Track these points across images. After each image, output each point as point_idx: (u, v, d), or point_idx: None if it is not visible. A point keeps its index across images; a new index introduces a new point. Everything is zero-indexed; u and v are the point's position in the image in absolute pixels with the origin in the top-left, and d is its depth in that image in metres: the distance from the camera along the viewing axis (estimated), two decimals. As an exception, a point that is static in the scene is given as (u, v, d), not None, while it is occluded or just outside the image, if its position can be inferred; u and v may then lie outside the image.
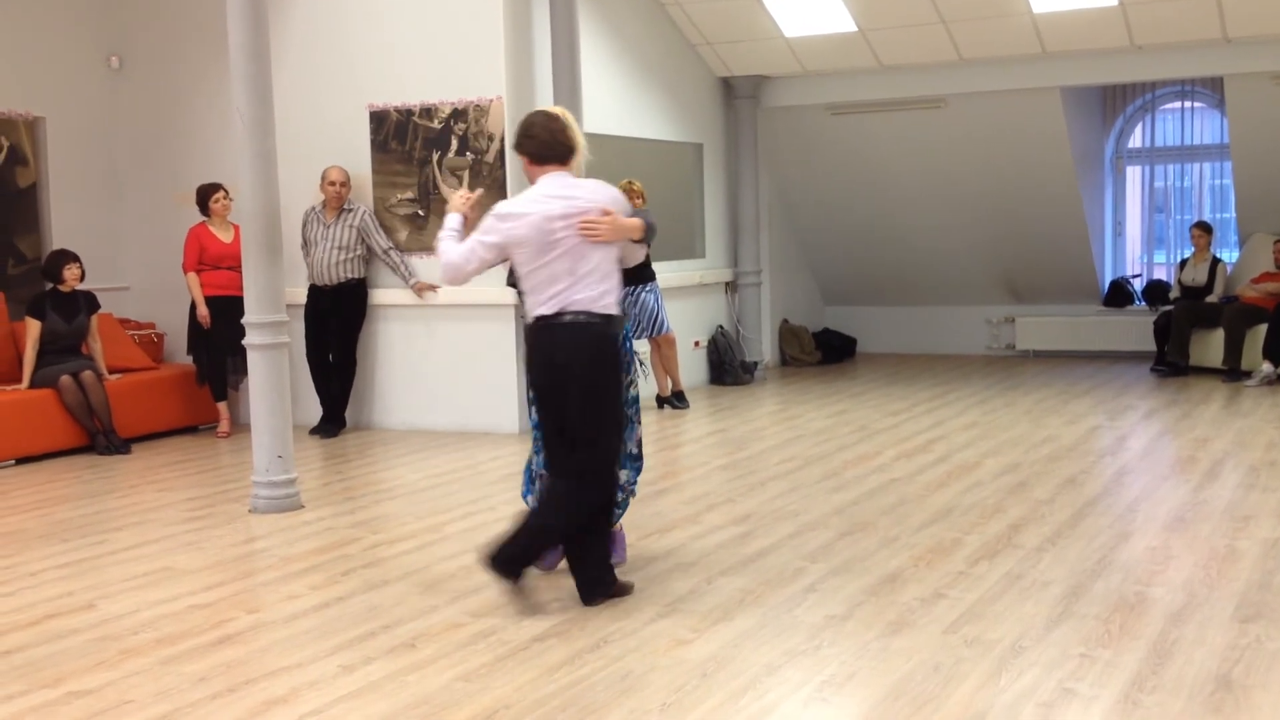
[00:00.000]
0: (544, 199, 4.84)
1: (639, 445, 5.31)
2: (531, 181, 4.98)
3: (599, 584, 4.93)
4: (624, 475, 5.20)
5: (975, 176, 12.22)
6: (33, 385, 8.74)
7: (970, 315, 13.42)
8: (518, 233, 4.80)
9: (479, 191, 5.21)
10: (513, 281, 5.16)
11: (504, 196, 8.97)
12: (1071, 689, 3.90)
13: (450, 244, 4.97)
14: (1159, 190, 13.27)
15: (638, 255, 5.11)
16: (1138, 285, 12.91)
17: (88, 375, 8.80)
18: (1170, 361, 11.40)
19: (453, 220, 5.04)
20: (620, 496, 5.21)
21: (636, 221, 4.93)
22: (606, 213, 4.84)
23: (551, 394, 4.89)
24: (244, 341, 6.85)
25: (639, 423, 5.30)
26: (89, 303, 9.08)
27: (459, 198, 5.13)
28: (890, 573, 5.25)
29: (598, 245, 4.83)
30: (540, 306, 4.85)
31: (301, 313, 9.24)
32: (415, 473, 7.84)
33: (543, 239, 4.79)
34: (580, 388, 4.82)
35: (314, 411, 9.47)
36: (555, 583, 5.23)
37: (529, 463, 5.38)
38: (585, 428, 4.84)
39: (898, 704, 3.82)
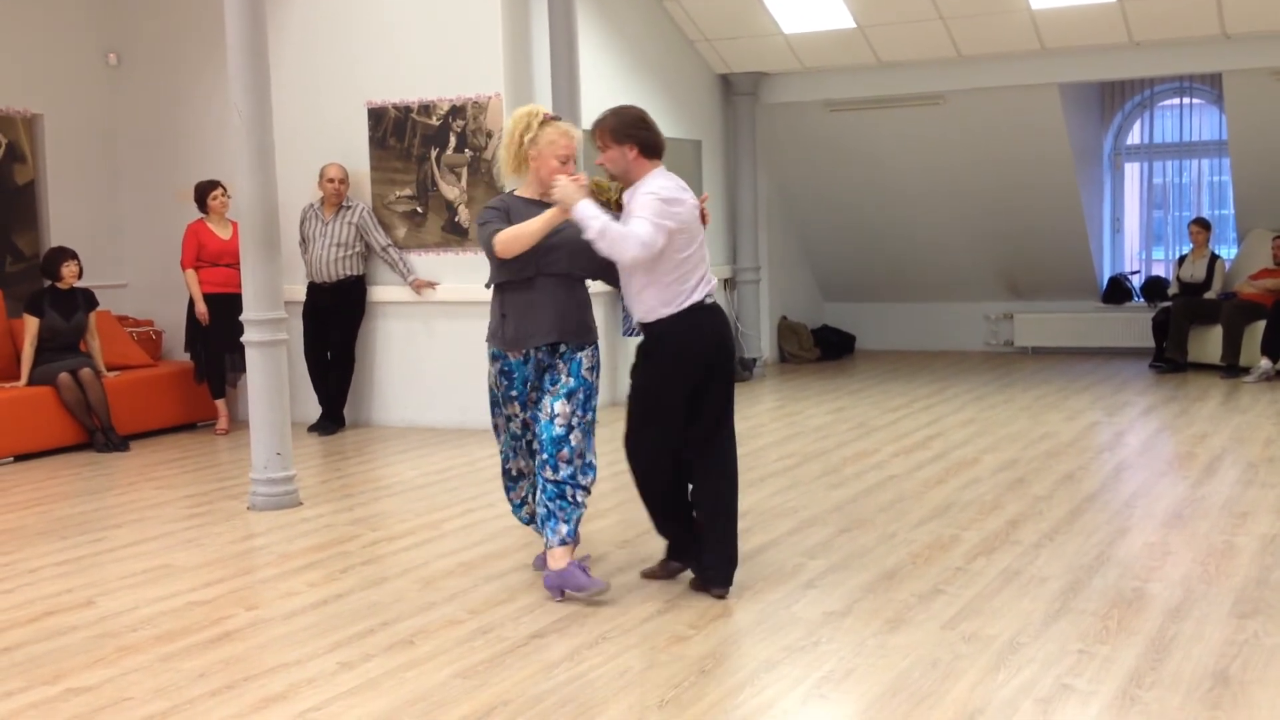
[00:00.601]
0: (680, 189, 4.91)
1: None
2: (633, 175, 4.91)
3: (731, 565, 4.98)
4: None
5: (974, 173, 12.23)
6: (31, 382, 8.74)
7: (969, 312, 13.42)
8: (685, 218, 4.85)
9: (583, 174, 5.00)
10: (497, 282, 5.07)
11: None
12: (1069, 685, 3.90)
13: (620, 225, 4.77)
14: (1157, 186, 13.26)
15: None
16: (1136, 282, 12.90)
17: (86, 373, 8.80)
18: (1169, 358, 11.40)
19: (590, 206, 4.80)
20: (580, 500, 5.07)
21: None
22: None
23: (701, 378, 4.91)
24: (242, 339, 6.85)
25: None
26: (87, 300, 9.08)
27: (572, 182, 4.83)
28: (889, 569, 5.25)
29: None
30: (693, 293, 4.87)
31: (299, 310, 9.24)
32: (414, 470, 7.84)
33: (695, 225, 4.90)
34: (728, 365, 4.99)
35: (312, 409, 9.46)
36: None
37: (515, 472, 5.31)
38: (728, 403, 4.98)
39: (896, 700, 3.83)
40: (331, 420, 9.39)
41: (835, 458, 7.78)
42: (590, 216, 4.75)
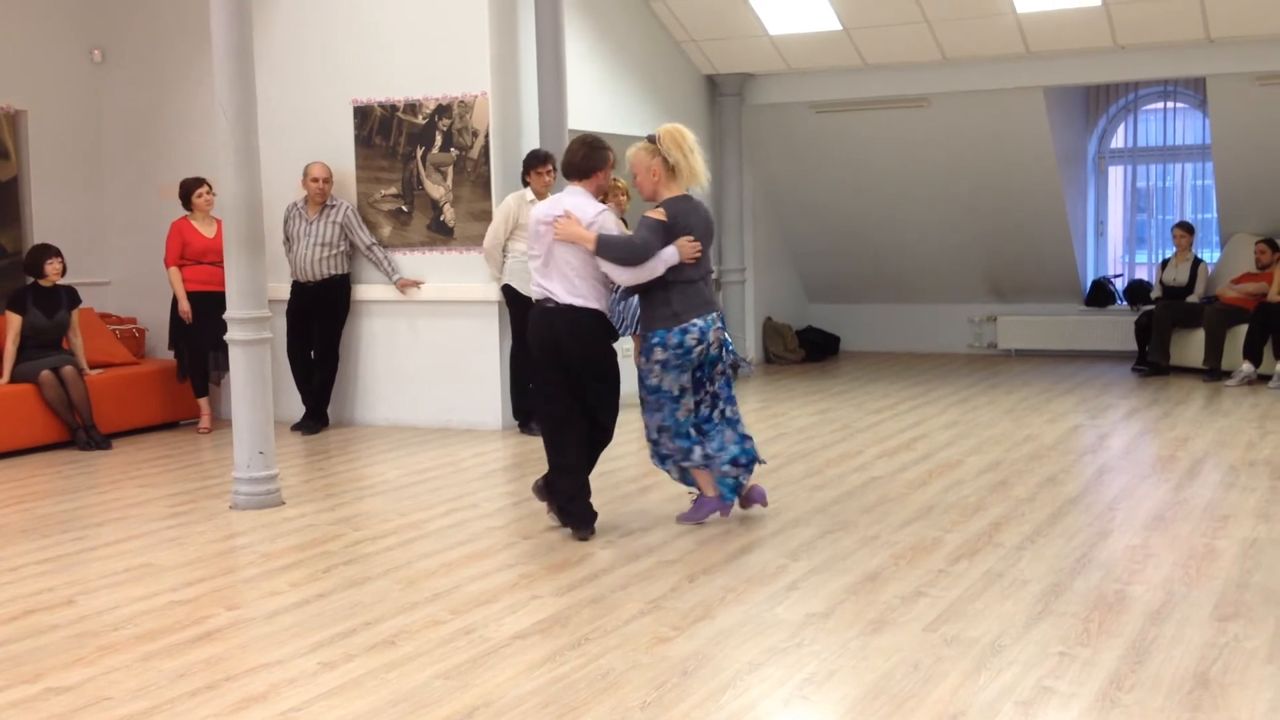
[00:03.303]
0: None
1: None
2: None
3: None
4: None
5: (958, 176, 12.25)
6: (13, 380, 8.70)
7: (953, 314, 13.45)
8: None
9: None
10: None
11: (488, 193, 8.98)
12: (1050, 687, 3.91)
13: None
14: (1141, 190, 13.31)
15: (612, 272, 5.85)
16: (1119, 285, 12.95)
17: (68, 370, 8.77)
18: (1151, 361, 11.44)
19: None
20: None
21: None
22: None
23: None
24: (226, 337, 6.83)
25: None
26: (70, 297, 9.04)
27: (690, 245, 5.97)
28: (871, 571, 5.26)
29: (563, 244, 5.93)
30: None
31: (283, 309, 9.22)
32: (397, 469, 7.82)
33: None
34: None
35: (296, 408, 9.44)
36: (535, 578, 5.23)
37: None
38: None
39: (878, 702, 3.83)
40: (315, 419, 9.37)
41: (819, 459, 7.79)
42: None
